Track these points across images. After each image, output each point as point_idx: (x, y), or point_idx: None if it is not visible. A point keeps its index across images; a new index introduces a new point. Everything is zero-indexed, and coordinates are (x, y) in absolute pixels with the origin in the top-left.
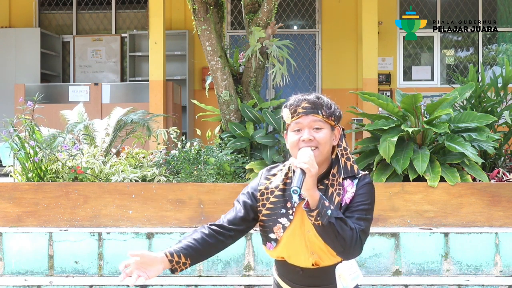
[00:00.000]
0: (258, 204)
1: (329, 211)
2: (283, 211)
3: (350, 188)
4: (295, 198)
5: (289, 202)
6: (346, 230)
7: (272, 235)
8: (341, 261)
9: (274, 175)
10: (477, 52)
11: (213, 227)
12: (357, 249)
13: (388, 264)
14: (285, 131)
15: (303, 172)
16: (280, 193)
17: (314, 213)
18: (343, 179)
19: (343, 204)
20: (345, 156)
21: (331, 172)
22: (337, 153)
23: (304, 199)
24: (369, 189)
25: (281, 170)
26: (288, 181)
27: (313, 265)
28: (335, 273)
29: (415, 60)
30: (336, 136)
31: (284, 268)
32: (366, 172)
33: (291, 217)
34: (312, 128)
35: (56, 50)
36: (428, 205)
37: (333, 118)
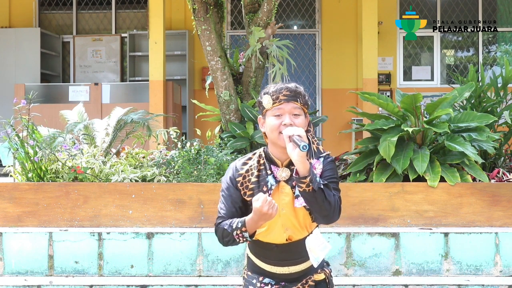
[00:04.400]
0: (241, 192)
1: (317, 178)
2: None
3: (317, 165)
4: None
5: (265, 187)
6: (330, 195)
7: None
8: (308, 235)
9: (246, 163)
10: (477, 52)
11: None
12: (337, 213)
13: (388, 264)
14: (260, 116)
15: (300, 137)
16: (256, 179)
17: (307, 179)
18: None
19: None
20: (315, 142)
21: None
22: (308, 137)
23: (279, 181)
24: (334, 165)
25: (251, 158)
26: (262, 167)
27: (286, 240)
28: (305, 246)
29: (415, 60)
30: (306, 123)
31: (258, 246)
32: (328, 151)
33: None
34: (292, 114)
35: (56, 50)
36: (428, 205)
37: (306, 106)
